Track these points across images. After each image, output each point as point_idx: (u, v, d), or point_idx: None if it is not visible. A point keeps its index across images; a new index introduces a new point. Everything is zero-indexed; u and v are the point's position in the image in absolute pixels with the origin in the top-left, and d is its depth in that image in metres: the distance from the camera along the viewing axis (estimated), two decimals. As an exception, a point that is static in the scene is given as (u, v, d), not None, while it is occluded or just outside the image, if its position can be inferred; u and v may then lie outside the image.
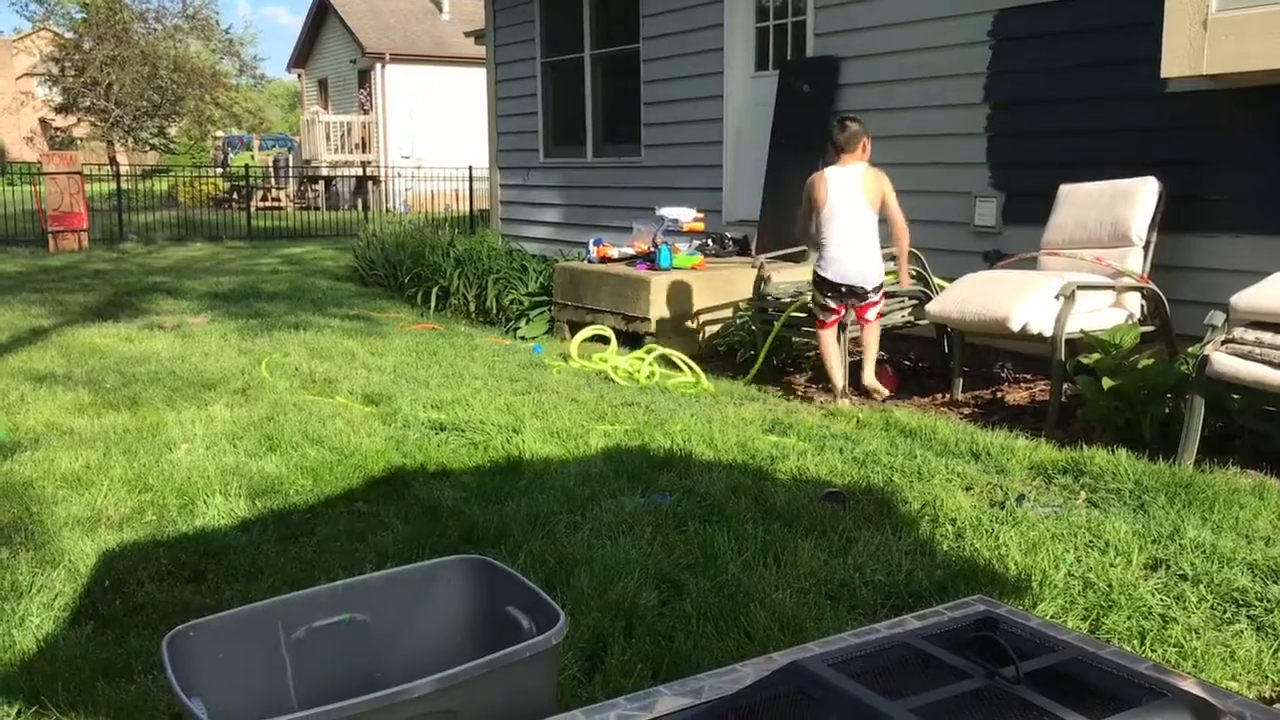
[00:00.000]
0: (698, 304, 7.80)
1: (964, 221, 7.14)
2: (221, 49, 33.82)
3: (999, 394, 6.27)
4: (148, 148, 35.22)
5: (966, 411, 5.95)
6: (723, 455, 4.87)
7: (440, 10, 30.41)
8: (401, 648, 2.47)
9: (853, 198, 5.99)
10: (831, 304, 6.15)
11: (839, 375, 6.22)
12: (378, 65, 27.47)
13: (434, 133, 26.73)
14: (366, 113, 28.30)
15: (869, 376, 6.24)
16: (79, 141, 35.76)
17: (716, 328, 7.84)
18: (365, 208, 24.22)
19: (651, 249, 8.25)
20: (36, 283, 11.46)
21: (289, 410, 5.68)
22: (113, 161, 28.75)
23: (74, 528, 3.92)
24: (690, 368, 6.87)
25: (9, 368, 6.84)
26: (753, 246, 8.62)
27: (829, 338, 6.23)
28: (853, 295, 6.13)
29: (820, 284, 6.15)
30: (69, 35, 32.50)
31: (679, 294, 7.75)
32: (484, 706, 2.09)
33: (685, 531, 3.82)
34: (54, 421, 5.44)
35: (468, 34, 22.21)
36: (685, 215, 8.75)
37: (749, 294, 7.34)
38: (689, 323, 7.79)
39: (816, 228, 6.08)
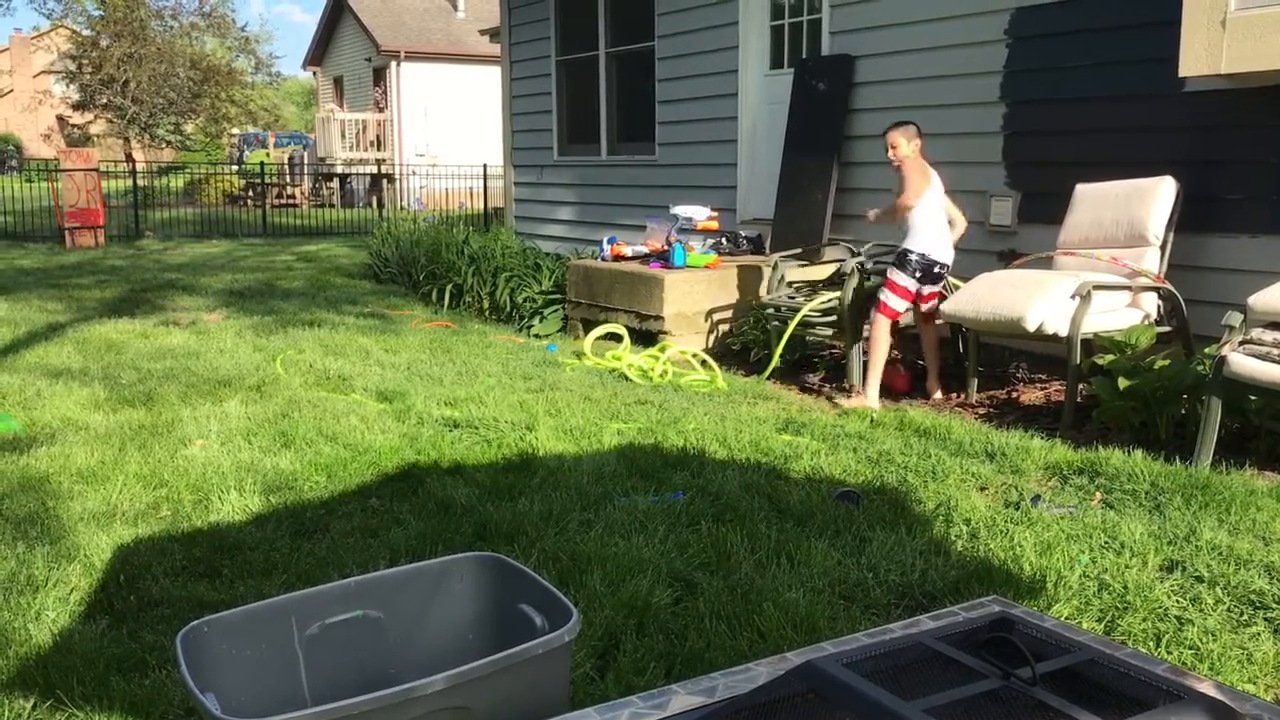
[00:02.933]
0: (711, 302, 7.80)
1: (979, 220, 7.11)
2: (237, 46, 33.92)
3: (1014, 394, 6.25)
4: (164, 145, 35.36)
5: (981, 411, 5.93)
6: (736, 454, 4.87)
7: (455, 8, 30.44)
8: (415, 644, 2.47)
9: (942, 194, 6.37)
10: (911, 286, 6.19)
11: (879, 370, 6.21)
12: (393, 63, 27.51)
13: (448, 131, 26.77)
14: (381, 110, 28.35)
15: (932, 381, 6.41)
16: (95, 138, 35.92)
17: (730, 326, 7.83)
18: (380, 205, 24.29)
19: (665, 247, 8.24)
20: (53, 279, 11.51)
21: (303, 407, 5.69)
22: (129, 158, 28.90)
23: (89, 523, 3.94)
24: (706, 365, 6.86)
25: (26, 363, 6.87)
26: (767, 245, 8.60)
27: (887, 328, 6.23)
28: (931, 278, 6.27)
29: (913, 263, 6.15)
30: (86, 33, 32.63)
31: (693, 292, 7.74)
32: (497, 703, 2.09)
33: (698, 530, 3.81)
34: (70, 417, 5.47)
35: (483, 32, 22.21)
36: (699, 214, 8.74)
37: (763, 293, 7.33)
38: (702, 321, 7.78)
39: (922, 208, 6.14)
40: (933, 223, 6.18)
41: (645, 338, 7.77)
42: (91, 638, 3.01)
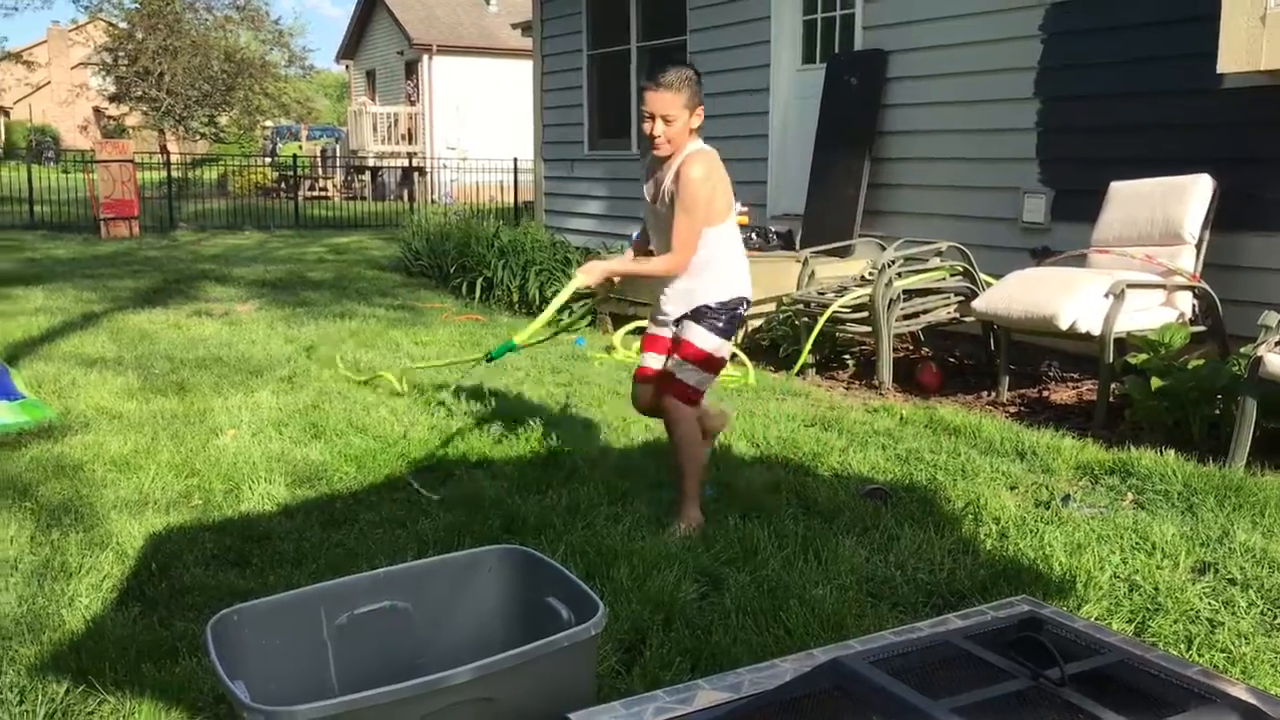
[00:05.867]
0: (741, 298, 7.76)
1: (1012, 218, 7.06)
2: (271, 39, 34.17)
3: (1045, 393, 6.20)
4: (198, 137, 35.66)
5: (1012, 410, 5.89)
6: (764, 450, 4.86)
7: (488, 2, 30.50)
8: (442, 635, 2.48)
9: None
10: (728, 348, 3.98)
11: (699, 481, 3.94)
12: (425, 57, 27.59)
13: (479, 125, 26.82)
14: (413, 104, 28.45)
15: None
16: (131, 130, 36.26)
17: (759, 322, 7.80)
18: (411, 199, 24.37)
19: (695, 242, 8.21)
20: (89, 269, 11.63)
21: (334, 398, 5.73)
22: (164, 150, 29.16)
23: (122, 510, 3.98)
24: (735, 360, 6.85)
25: (60, 352, 6.95)
26: (797, 240, 8.57)
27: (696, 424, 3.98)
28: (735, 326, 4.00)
29: (730, 312, 3.87)
30: (122, 25, 32.96)
31: (722, 288, 7.71)
32: (522, 695, 2.09)
33: (725, 526, 3.81)
34: (104, 405, 5.53)
35: (515, 26, 22.28)
36: (729, 209, 8.70)
37: (793, 288, 7.31)
38: (732, 317, 7.75)
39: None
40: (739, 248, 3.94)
41: (674, 333, 7.76)
42: (123, 624, 3.04)
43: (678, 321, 3.92)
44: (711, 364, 3.85)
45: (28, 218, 17.23)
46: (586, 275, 3.84)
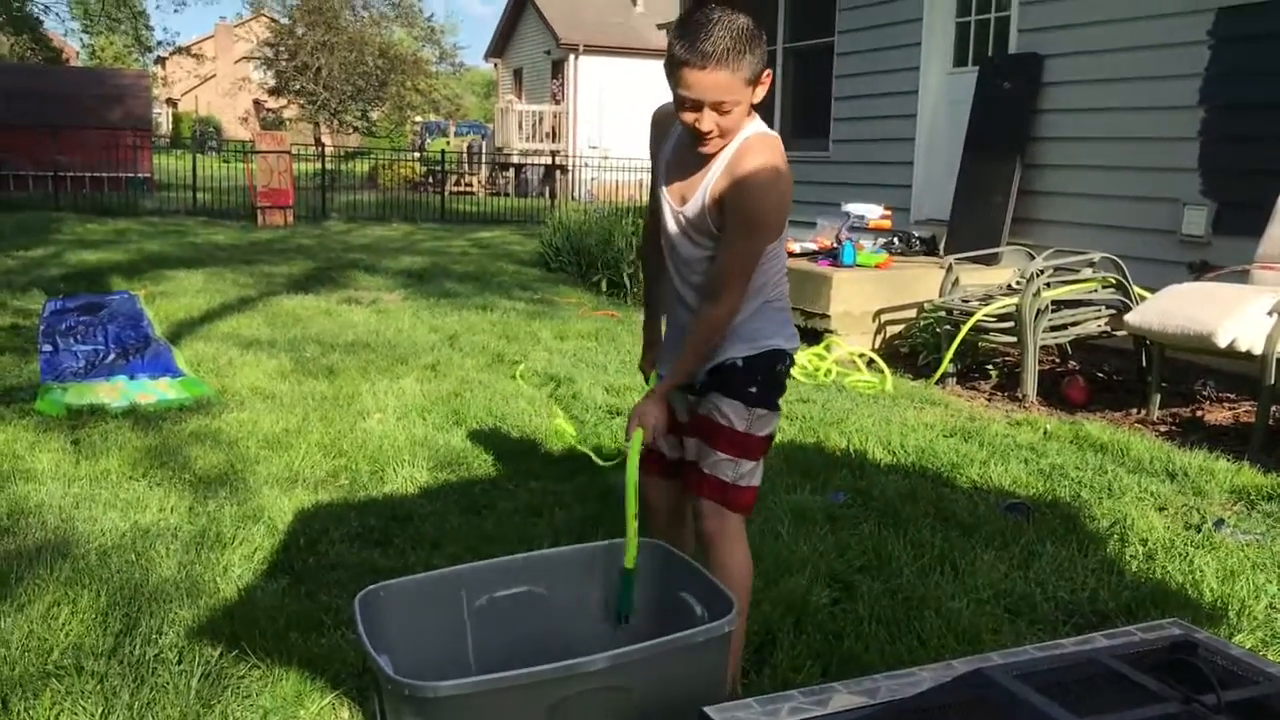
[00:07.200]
0: (879, 303, 7.67)
1: (1169, 230, 6.80)
2: (423, 36, 35.11)
3: (1199, 413, 5.95)
4: (351, 130, 36.87)
5: (1162, 429, 5.67)
6: (900, 459, 4.79)
7: (634, 2, 30.72)
8: (576, 623, 2.52)
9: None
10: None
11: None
12: (571, 56, 27.95)
13: (620, 124, 27.00)
14: (558, 103, 28.85)
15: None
16: (288, 122, 37.72)
17: (898, 328, 7.69)
18: (552, 196, 24.72)
19: (835, 245, 8.15)
20: (245, 254, 12.14)
21: (475, 387, 5.86)
22: (318, 142, 30.24)
23: (273, 486, 4.15)
24: (873, 366, 6.76)
25: (219, 332, 7.27)
26: (941, 247, 8.42)
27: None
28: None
29: (786, 374, 2.74)
30: (284, 21, 34.29)
31: (861, 292, 7.63)
32: (656, 686, 2.11)
33: (859, 533, 3.77)
34: (258, 385, 5.77)
35: (660, 26, 22.38)
36: (871, 212, 8.61)
37: (935, 295, 7.17)
38: (870, 322, 7.66)
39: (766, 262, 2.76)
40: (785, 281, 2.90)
41: (810, 336, 7.70)
42: (273, 595, 3.17)
43: (698, 388, 2.70)
44: (751, 447, 2.64)
45: (190, 204, 18.07)
46: (642, 420, 2.58)
